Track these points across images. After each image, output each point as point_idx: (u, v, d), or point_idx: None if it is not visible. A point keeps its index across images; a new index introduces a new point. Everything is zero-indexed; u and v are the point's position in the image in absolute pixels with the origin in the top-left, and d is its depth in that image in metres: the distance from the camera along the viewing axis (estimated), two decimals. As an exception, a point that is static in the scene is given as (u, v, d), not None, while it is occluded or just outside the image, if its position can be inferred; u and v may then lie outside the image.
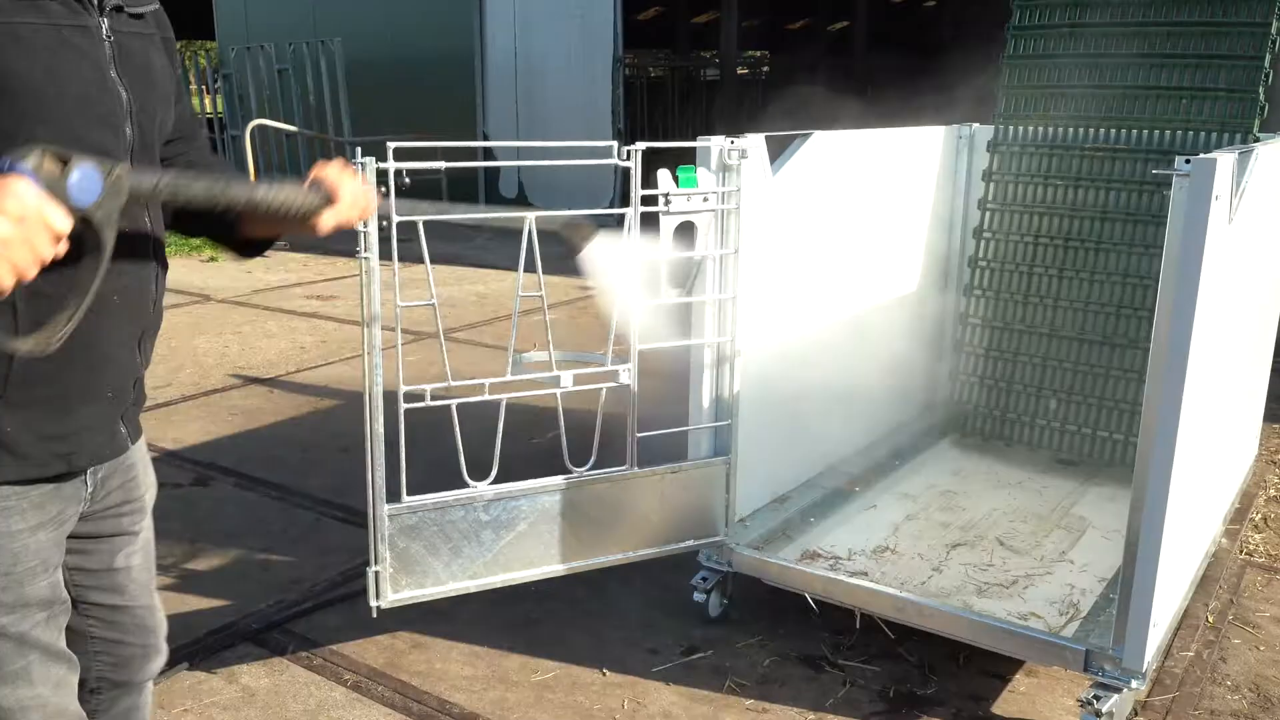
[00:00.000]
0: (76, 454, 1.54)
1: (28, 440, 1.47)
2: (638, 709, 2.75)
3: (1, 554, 1.49)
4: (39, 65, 1.35)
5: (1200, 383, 2.41)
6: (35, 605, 1.55)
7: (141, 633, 1.81)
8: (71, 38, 1.40)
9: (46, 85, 1.37)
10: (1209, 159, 2.20)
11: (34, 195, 1.19)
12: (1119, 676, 2.52)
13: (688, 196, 2.85)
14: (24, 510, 1.50)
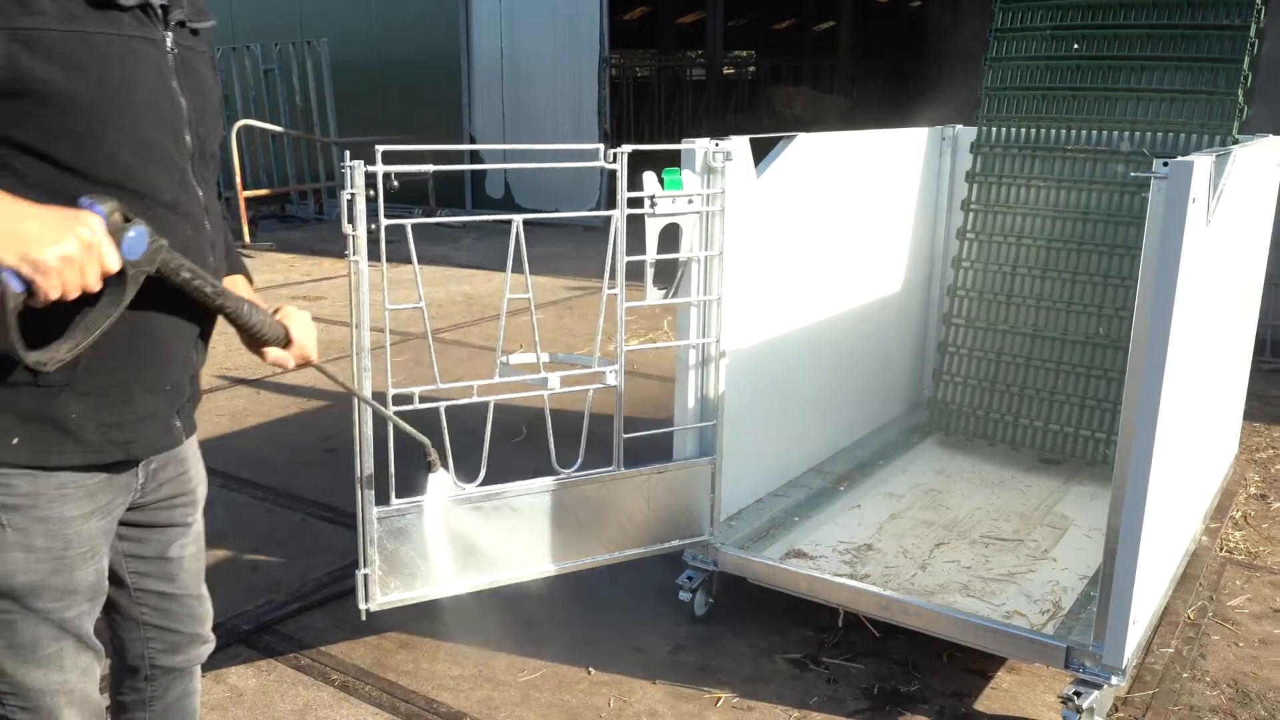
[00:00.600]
0: (135, 443, 1.59)
1: (90, 428, 1.52)
2: (624, 707, 2.77)
3: (54, 539, 1.54)
4: (111, 72, 1.42)
5: (1178, 382, 2.45)
6: (81, 593, 1.60)
7: (191, 621, 1.87)
8: (140, 48, 1.47)
9: (118, 91, 1.43)
10: (1186, 162, 2.23)
11: (101, 232, 1.34)
12: (1099, 673, 2.55)
13: (673, 198, 2.87)
14: (79, 498, 1.55)
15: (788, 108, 14.99)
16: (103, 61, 1.41)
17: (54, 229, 1.31)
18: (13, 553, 1.52)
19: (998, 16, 4.28)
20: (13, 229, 1.29)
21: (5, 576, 1.53)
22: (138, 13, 1.47)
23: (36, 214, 1.31)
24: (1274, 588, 3.48)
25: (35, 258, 1.29)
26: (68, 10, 1.38)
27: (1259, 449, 4.80)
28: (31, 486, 1.51)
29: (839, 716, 2.73)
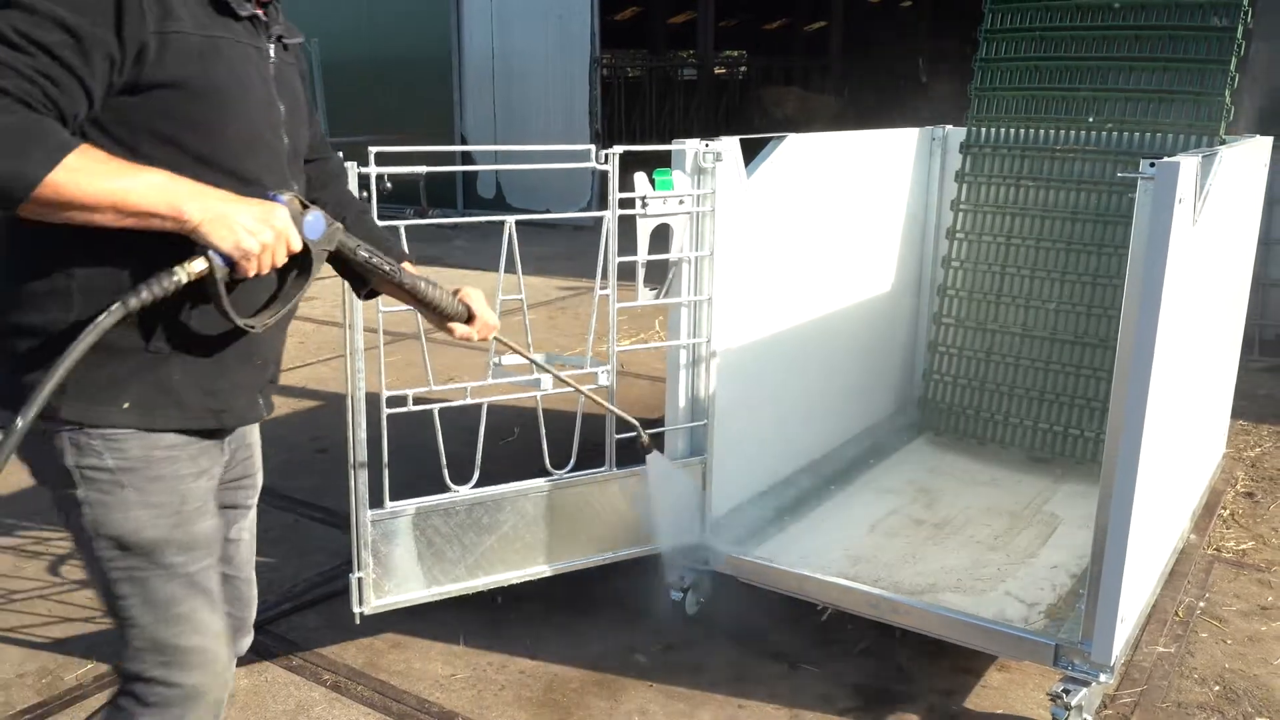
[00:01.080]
0: (226, 413, 1.73)
1: (191, 393, 1.66)
2: (615, 707, 2.78)
3: (172, 493, 1.66)
4: (234, 74, 1.60)
5: (1165, 381, 2.46)
6: (202, 547, 1.72)
7: (240, 605, 1.97)
8: (250, 54, 1.65)
9: (235, 90, 1.60)
10: (1173, 162, 2.25)
11: (287, 220, 1.58)
12: (1088, 671, 2.57)
13: (664, 199, 2.88)
14: (185, 459, 1.68)
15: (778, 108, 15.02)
16: (226, 63, 1.59)
17: (257, 220, 1.53)
18: (135, 510, 1.63)
19: (987, 17, 4.30)
20: (228, 220, 1.51)
21: (133, 533, 1.63)
22: (248, 23, 1.65)
23: (243, 206, 1.53)
24: (1261, 585, 3.50)
25: (245, 246, 1.51)
26: (198, 18, 1.55)
27: (1247, 447, 4.82)
28: (142, 449, 1.63)
29: (829, 715, 2.75)
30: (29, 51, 1.40)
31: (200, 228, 1.49)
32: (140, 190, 1.45)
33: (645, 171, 2.87)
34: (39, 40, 1.41)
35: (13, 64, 1.39)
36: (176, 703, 1.71)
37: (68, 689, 2.86)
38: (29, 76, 1.40)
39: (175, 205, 1.48)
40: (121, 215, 1.46)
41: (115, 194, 1.44)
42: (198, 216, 1.49)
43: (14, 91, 1.39)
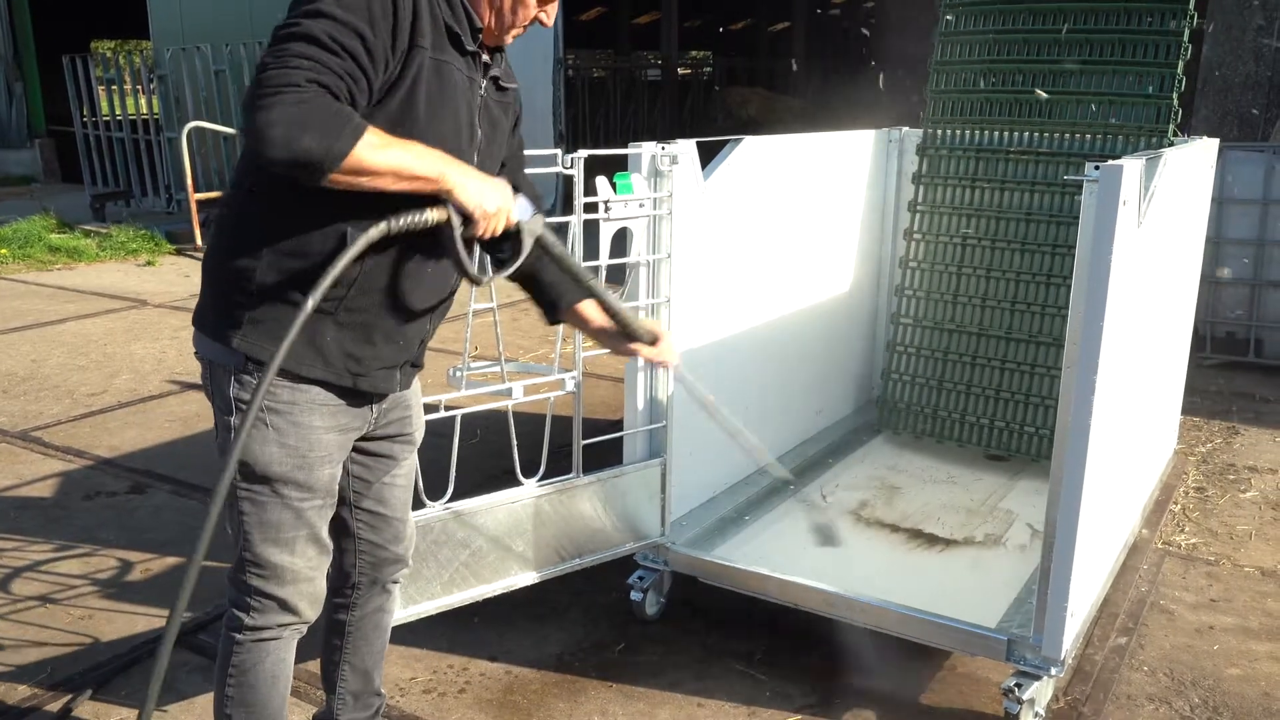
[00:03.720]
0: (364, 378, 1.99)
1: (336, 353, 1.94)
2: (575, 707, 2.79)
3: (303, 440, 1.95)
4: (445, 92, 1.90)
5: (1113, 380, 2.51)
6: (318, 491, 2.00)
7: (395, 541, 2.28)
8: (463, 82, 1.95)
9: (444, 108, 1.91)
10: (1116, 165, 2.29)
11: (510, 196, 1.92)
12: (1039, 664, 2.61)
13: (625, 203, 2.90)
14: (324, 413, 1.97)
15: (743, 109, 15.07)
16: (441, 81, 1.90)
17: (493, 190, 1.87)
18: (271, 447, 1.93)
19: (943, 21, 4.36)
20: (473, 186, 1.84)
21: (264, 465, 1.93)
22: (470, 59, 1.96)
23: (483, 179, 1.87)
24: (1210, 578, 3.58)
25: (486, 209, 1.86)
26: (436, 42, 1.88)
27: (1199, 443, 4.91)
28: (290, 396, 1.93)
29: (787, 712, 2.78)
30: (339, 54, 1.73)
31: (454, 190, 1.83)
32: (413, 160, 1.78)
33: (608, 175, 2.88)
34: (345, 45, 1.73)
35: (328, 64, 1.71)
36: (272, 611, 2.03)
37: (20, 702, 2.84)
38: (339, 74, 1.72)
39: (440, 171, 1.81)
40: (399, 179, 1.78)
41: (396, 163, 1.76)
42: (453, 180, 1.82)
43: (330, 86, 1.71)
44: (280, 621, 2.06)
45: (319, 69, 1.70)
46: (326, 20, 1.73)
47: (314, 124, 1.67)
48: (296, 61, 1.69)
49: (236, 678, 2.08)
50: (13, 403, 5.46)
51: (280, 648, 2.09)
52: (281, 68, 1.68)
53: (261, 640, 2.06)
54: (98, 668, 2.98)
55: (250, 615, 2.04)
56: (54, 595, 3.41)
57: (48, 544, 3.78)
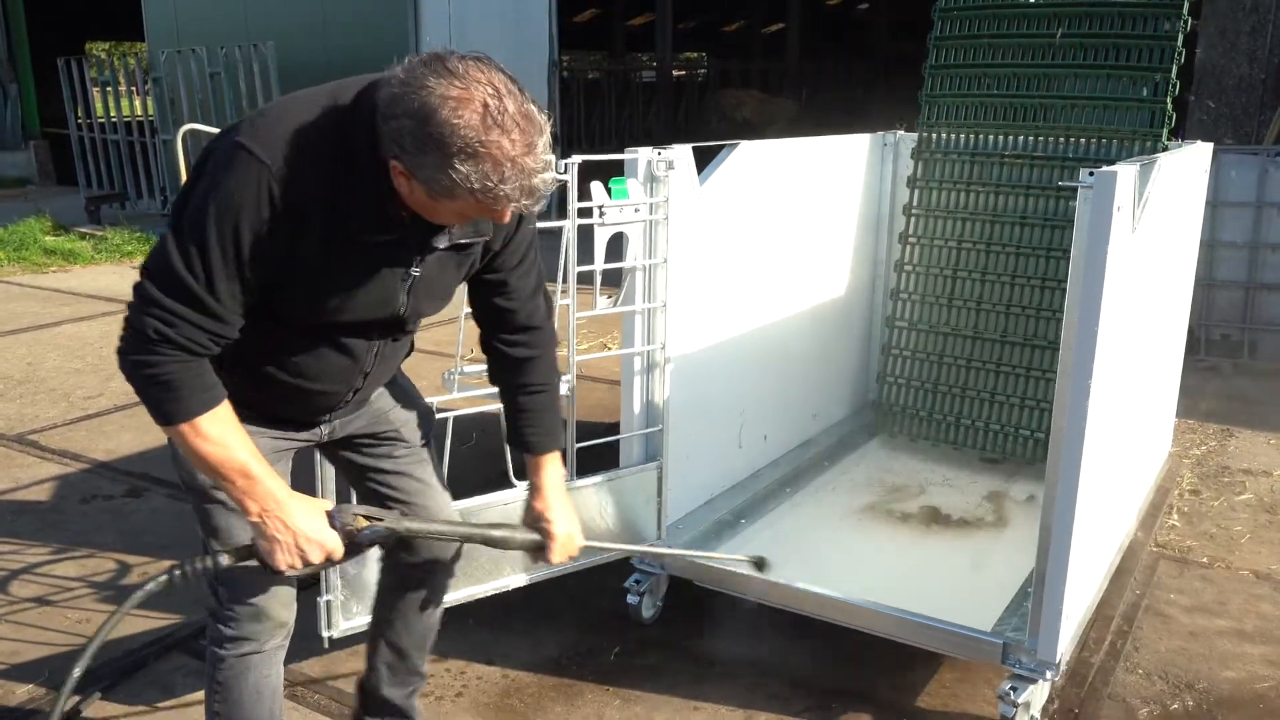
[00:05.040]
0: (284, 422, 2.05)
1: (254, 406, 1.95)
2: (571, 711, 2.80)
3: None
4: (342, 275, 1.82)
5: (1108, 383, 2.52)
6: None
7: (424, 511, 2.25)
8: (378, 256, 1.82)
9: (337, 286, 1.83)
10: (1111, 171, 2.30)
11: (326, 544, 1.86)
12: (1034, 668, 2.62)
13: (620, 208, 2.91)
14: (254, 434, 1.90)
15: (737, 111, 15.09)
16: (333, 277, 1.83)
17: (300, 543, 1.83)
18: None
19: (937, 24, 4.37)
20: (276, 537, 1.82)
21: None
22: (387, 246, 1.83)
23: (294, 528, 1.82)
24: (1205, 581, 3.59)
25: (274, 560, 1.84)
26: (329, 245, 1.76)
27: (1194, 445, 4.93)
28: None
29: (784, 715, 2.78)
30: (204, 298, 1.70)
31: (253, 527, 1.83)
32: (228, 473, 1.79)
33: (602, 179, 2.89)
34: (212, 288, 1.70)
35: (187, 315, 1.70)
36: (246, 619, 2.04)
37: (20, 700, 2.84)
38: (199, 324, 1.71)
39: (242, 503, 1.81)
40: (209, 474, 1.82)
41: (210, 464, 1.78)
42: (253, 520, 1.82)
43: (183, 342, 1.71)
44: (255, 630, 2.06)
45: (176, 321, 1.69)
46: (195, 256, 1.68)
47: (157, 385, 1.72)
48: (156, 312, 1.69)
49: (221, 694, 2.10)
50: (8, 406, 5.46)
51: (263, 663, 2.10)
52: (143, 312, 1.70)
53: (244, 655, 2.08)
54: (97, 670, 2.98)
55: (228, 625, 2.06)
56: (51, 598, 3.41)
57: (44, 547, 3.78)
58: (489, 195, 1.62)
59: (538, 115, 1.64)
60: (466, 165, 1.58)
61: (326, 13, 12.39)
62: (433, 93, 1.57)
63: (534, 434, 2.20)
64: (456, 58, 1.61)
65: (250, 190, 1.66)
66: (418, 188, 1.66)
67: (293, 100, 1.77)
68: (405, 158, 1.62)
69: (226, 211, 1.66)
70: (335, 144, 1.69)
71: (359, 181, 1.70)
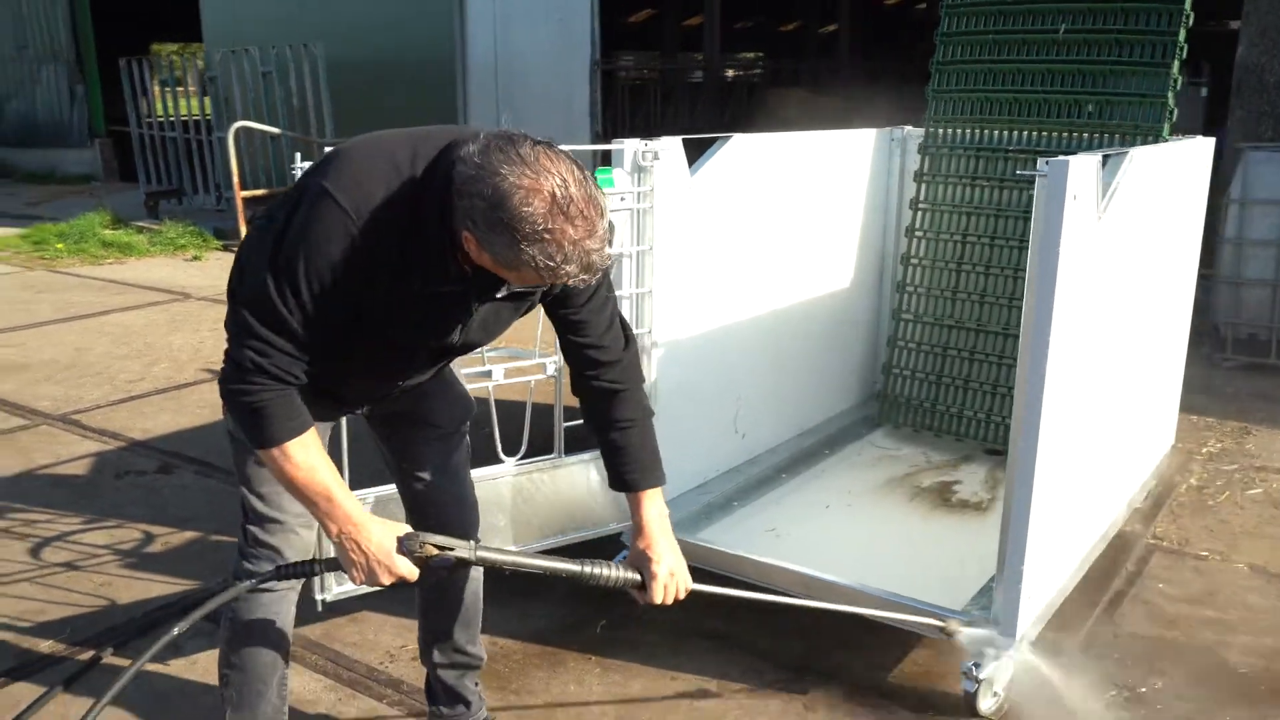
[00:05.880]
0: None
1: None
2: (552, 677, 2.93)
3: None
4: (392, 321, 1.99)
5: (1066, 370, 2.59)
6: None
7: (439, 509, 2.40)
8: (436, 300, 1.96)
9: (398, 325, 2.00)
10: (1063, 161, 2.38)
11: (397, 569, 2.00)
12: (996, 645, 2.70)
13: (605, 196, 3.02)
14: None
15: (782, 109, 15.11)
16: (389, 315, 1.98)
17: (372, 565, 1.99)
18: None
19: (944, 21, 4.43)
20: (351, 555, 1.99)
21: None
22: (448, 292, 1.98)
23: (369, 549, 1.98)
24: (1196, 573, 3.61)
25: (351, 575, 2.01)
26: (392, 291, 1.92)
27: (1208, 443, 4.91)
28: None
29: (755, 687, 2.89)
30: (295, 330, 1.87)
31: (334, 543, 2.00)
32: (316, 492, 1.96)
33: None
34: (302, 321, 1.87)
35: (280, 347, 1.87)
36: (265, 560, 2.20)
37: (42, 654, 3.04)
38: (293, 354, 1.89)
39: (329, 519, 1.97)
40: (295, 494, 1.99)
41: (295, 486, 1.96)
42: (334, 537, 1.98)
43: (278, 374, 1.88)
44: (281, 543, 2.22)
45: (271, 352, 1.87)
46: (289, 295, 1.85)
47: (256, 413, 1.89)
48: (254, 345, 1.87)
49: (232, 622, 2.26)
50: (56, 388, 5.74)
51: (273, 601, 2.25)
52: (241, 344, 1.88)
53: (257, 590, 2.22)
54: (115, 629, 3.18)
55: (249, 563, 2.21)
56: (78, 563, 3.62)
57: (77, 517, 4.00)
58: (551, 273, 1.77)
59: (600, 199, 1.79)
60: (533, 248, 1.72)
61: (374, 13, 12.68)
62: (505, 179, 1.71)
63: (631, 471, 2.23)
64: (530, 144, 1.75)
65: (335, 237, 1.83)
66: (485, 256, 1.81)
67: (375, 149, 1.91)
68: (477, 232, 1.77)
69: (315, 254, 1.83)
70: (409, 203, 1.85)
71: (427, 242, 1.86)
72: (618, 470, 2.24)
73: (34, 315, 7.58)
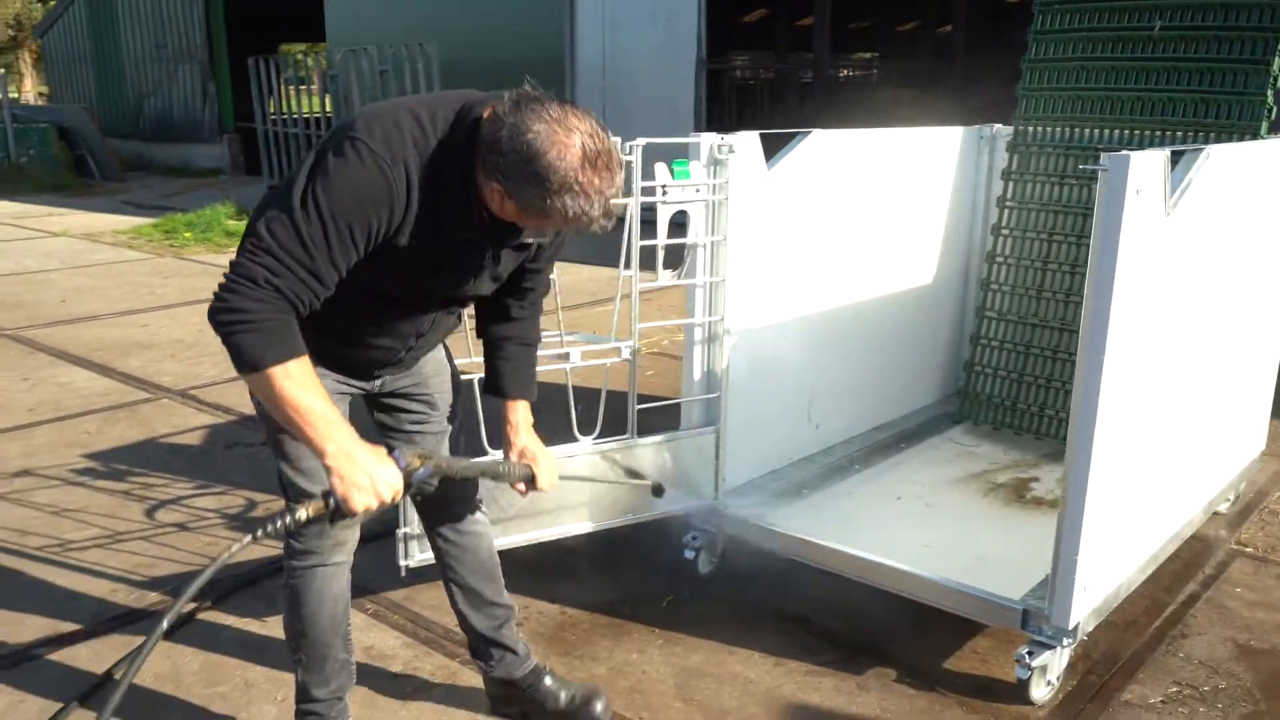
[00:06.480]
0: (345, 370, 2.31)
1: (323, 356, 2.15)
2: (616, 646, 3.06)
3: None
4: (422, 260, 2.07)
5: (1129, 363, 2.60)
6: None
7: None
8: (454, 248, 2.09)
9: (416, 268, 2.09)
10: (1124, 156, 2.40)
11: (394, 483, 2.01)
12: (1051, 635, 2.72)
13: (682, 187, 3.15)
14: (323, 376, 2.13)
15: (892, 109, 14.99)
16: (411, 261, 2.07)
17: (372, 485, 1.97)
18: None
19: (1037, 19, 4.41)
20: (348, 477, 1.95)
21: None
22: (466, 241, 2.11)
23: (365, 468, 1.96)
24: (1279, 580, 3.55)
25: (351, 501, 1.96)
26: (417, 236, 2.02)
27: (1310, 452, 4.77)
28: None
29: (811, 664, 2.97)
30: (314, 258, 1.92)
31: (330, 470, 1.97)
32: (311, 416, 1.95)
33: (666, 162, 3.14)
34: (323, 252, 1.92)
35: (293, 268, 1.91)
36: (311, 537, 2.31)
37: (150, 604, 3.31)
38: (300, 277, 1.92)
39: (324, 442, 1.95)
40: (289, 419, 1.96)
41: (297, 406, 1.94)
42: (330, 461, 1.96)
43: (284, 290, 1.91)
44: (319, 546, 2.35)
45: (283, 271, 1.90)
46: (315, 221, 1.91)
47: (253, 330, 1.89)
48: (266, 260, 1.90)
49: (291, 599, 2.40)
50: (178, 365, 6.13)
51: (327, 574, 2.38)
52: (252, 259, 1.91)
53: (310, 567, 2.36)
54: (216, 584, 3.43)
55: (298, 541, 2.34)
56: (188, 524, 3.91)
57: (190, 482, 4.30)
58: (577, 220, 1.93)
59: (618, 154, 1.96)
60: (564, 198, 1.89)
61: (488, 14, 13.03)
62: (539, 135, 1.87)
63: (514, 383, 2.47)
64: (556, 103, 1.91)
65: (366, 179, 1.93)
66: (511, 205, 1.96)
67: (398, 109, 2.02)
68: (508, 184, 1.91)
69: (344, 192, 1.92)
70: (434, 158, 1.98)
71: (452, 191, 1.99)
72: (503, 379, 2.47)
73: (160, 299, 8.07)
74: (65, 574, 3.52)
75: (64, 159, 17.29)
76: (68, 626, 3.18)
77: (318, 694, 2.45)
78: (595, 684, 2.77)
